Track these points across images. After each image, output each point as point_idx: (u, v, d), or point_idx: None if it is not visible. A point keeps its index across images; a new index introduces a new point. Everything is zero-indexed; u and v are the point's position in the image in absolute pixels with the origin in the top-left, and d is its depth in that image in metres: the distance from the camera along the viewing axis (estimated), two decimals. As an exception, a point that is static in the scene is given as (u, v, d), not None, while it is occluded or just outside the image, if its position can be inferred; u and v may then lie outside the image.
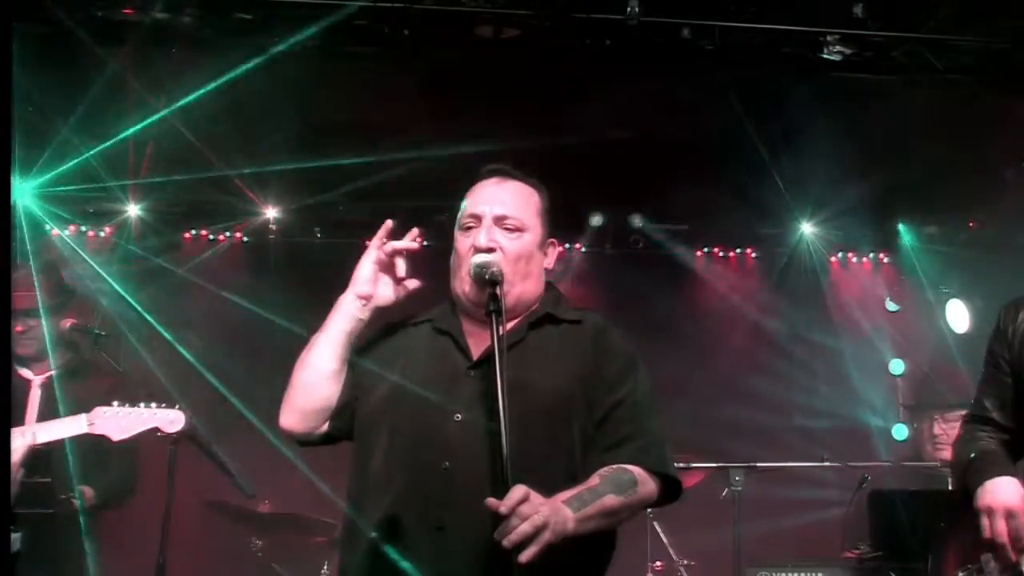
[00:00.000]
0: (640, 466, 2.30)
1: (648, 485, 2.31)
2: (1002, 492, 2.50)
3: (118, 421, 3.76)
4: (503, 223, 2.42)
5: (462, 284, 2.42)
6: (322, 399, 2.41)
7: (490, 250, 2.37)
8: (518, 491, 2.00)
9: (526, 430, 2.16)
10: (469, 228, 2.44)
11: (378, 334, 2.54)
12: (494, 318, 2.20)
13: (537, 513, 2.01)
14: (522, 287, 2.42)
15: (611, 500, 2.21)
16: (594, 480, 2.23)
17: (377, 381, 2.41)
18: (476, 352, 2.38)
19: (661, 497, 2.37)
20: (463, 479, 2.21)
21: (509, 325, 2.35)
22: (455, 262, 2.47)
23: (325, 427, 2.44)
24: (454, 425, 2.27)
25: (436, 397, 2.30)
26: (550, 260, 2.54)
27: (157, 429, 3.81)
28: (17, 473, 3.64)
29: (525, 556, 1.98)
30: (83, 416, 3.79)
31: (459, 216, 2.50)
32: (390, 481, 2.28)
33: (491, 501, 1.99)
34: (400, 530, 2.22)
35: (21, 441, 3.63)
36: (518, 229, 2.43)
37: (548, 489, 2.11)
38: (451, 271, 2.51)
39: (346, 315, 2.40)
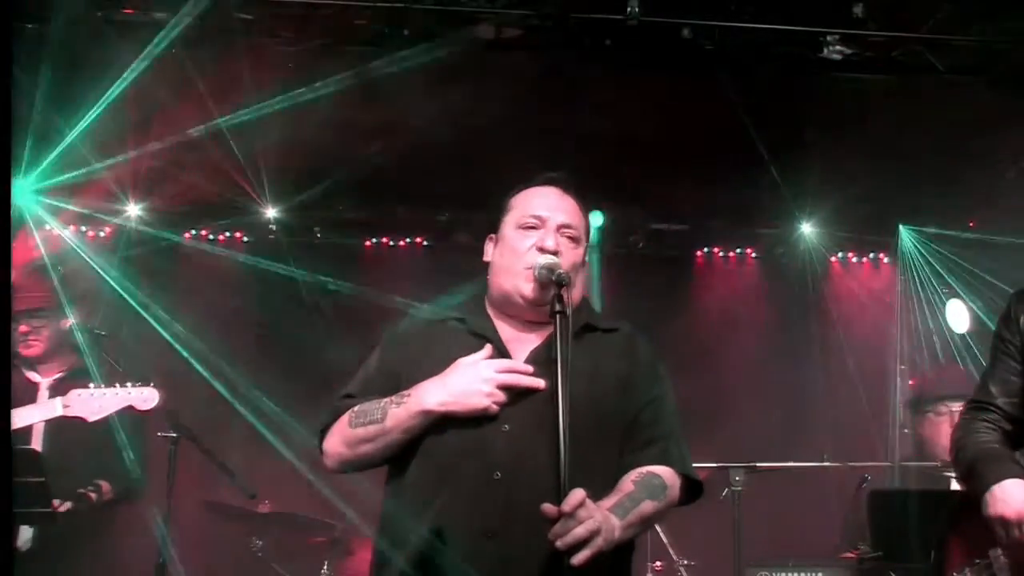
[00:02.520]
0: (665, 467, 2.35)
1: (675, 487, 2.36)
2: (1012, 498, 2.47)
3: (92, 402, 3.65)
4: (565, 231, 2.46)
5: (517, 282, 2.41)
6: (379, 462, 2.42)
7: (555, 253, 2.40)
8: (577, 495, 2.02)
9: (573, 438, 2.12)
10: (530, 228, 2.45)
11: (408, 337, 2.50)
12: (559, 320, 2.20)
13: (592, 518, 2.04)
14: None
15: (648, 505, 2.25)
16: (628, 486, 2.26)
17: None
18: (518, 359, 2.37)
19: (683, 499, 2.41)
20: (514, 488, 2.22)
21: (546, 334, 2.38)
22: (507, 259, 2.46)
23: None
24: (503, 436, 2.27)
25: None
26: (584, 276, 2.60)
27: (131, 408, 3.71)
28: None
29: (579, 558, 2.01)
30: (58, 399, 3.68)
31: (510, 215, 2.51)
32: (436, 490, 2.27)
33: (547, 507, 2.01)
34: (450, 539, 2.22)
35: None
36: (575, 240, 2.48)
37: (594, 497, 2.13)
38: (495, 268, 2.50)
39: (423, 419, 2.30)
